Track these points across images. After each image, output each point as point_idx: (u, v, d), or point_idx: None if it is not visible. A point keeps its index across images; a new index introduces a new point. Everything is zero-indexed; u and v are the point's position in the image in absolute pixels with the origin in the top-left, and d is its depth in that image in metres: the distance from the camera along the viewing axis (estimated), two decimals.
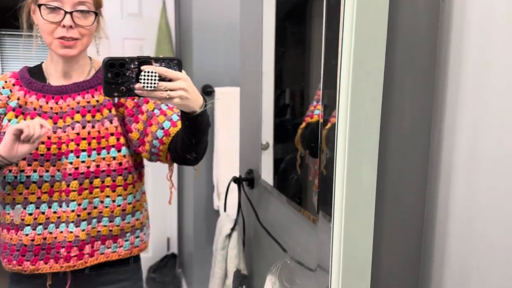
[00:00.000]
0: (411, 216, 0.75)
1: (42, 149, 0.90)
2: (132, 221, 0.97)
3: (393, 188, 0.73)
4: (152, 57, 0.77)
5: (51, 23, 0.85)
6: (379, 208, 0.72)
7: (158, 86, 0.73)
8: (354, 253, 0.58)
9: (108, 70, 0.72)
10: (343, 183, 0.51)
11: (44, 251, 0.91)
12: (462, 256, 0.64)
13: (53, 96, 0.92)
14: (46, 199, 0.91)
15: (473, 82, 0.65)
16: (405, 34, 0.69)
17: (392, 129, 0.71)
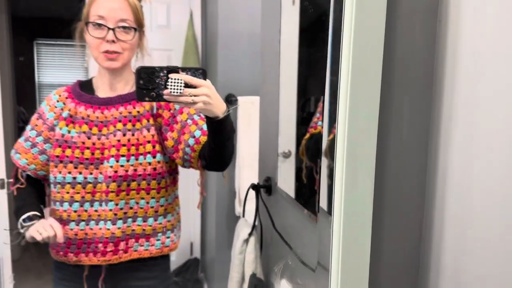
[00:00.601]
0: (409, 221, 0.79)
1: (87, 154, 0.99)
2: (164, 222, 1.05)
3: (392, 196, 0.78)
4: (179, 66, 0.85)
5: (97, 38, 0.95)
6: (378, 214, 0.76)
7: (183, 92, 0.80)
8: (353, 252, 0.62)
9: (140, 77, 0.80)
10: (341, 191, 0.55)
11: (86, 245, 1.00)
12: (456, 255, 0.68)
13: (99, 106, 1.01)
14: (89, 198, 1.00)
15: (464, 102, 0.70)
16: (402, 56, 0.74)
17: (391, 143, 0.76)
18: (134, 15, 0.97)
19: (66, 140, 1.00)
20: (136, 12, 0.98)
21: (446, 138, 0.75)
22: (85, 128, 1.00)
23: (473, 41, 0.70)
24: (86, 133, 1.00)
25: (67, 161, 1.00)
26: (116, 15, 0.95)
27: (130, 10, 0.97)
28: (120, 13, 0.95)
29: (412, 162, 0.78)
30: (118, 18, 0.95)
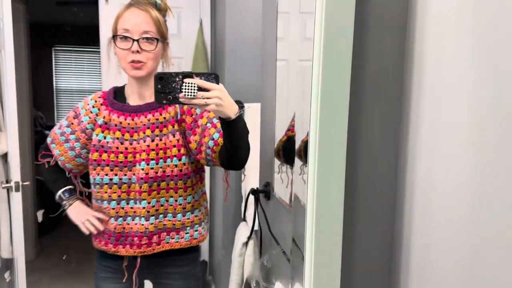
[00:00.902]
0: (382, 219, 0.85)
1: (121, 158, 1.11)
2: (192, 217, 1.16)
3: (364, 198, 0.85)
4: (193, 72, 0.91)
5: (123, 50, 1.05)
6: (351, 212, 0.83)
7: (196, 95, 0.87)
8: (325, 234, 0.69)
9: (158, 82, 0.88)
10: (314, 190, 0.60)
11: (123, 238, 1.13)
12: (423, 241, 0.75)
13: (130, 114, 1.12)
14: (124, 197, 1.12)
15: (428, 112, 0.77)
16: (373, 68, 0.80)
17: (363, 148, 0.82)
18: (156, 27, 1.07)
19: (102, 145, 1.12)
20: (158, 24, 1.08)
21: (413, 144, 0.82)
22: (118, 134, 1.11)
23: (436, 57, 0.76)
24: (119, 139, 1.11)
25: (104, 164, 1.11)
26: (139, 28, 1.05)
27: (152, 22, 1.07)
28: (143, 25, 1.05)
29: (383, 166, 0.84)
30: (141, 30, 1.05)
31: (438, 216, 0.73)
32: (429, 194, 0.75)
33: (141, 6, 1.08)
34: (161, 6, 1.12)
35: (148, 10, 1.08)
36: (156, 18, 1.08)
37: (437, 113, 0.73)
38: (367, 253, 0.86)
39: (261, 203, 1.04)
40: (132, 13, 1.08)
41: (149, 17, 1.07)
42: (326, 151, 0.69)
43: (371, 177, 0.84)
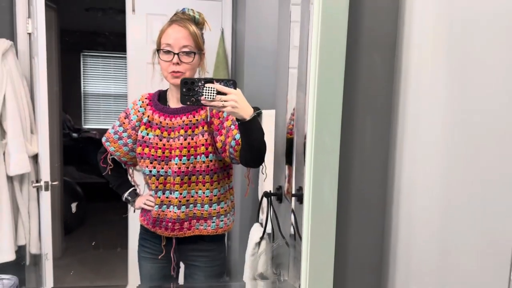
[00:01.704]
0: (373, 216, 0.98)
1: (160, 153, 1.28)
2: (218, 208, 1.31)
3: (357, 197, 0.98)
4: (214, 78, 1.04)
5: (165, 62, 1.23)
6: (345, 210, 0.96)
7: (215, 98, 0.99)
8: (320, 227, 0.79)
9: (184, 86, 1.01)
10: (310, 188, 0.68)
11: (159, 222, 1.31)
12: (407, 228, 0.93)
13: (169, 115, 1.29)
14: (161, 188, 1.29)
15: (411, 123, 0.89)
16: (365, 80, 0.92)
17: (355, 154, 0.94)
18: (194, 42, 1.24)
19: (145, 140, 1.29)
20: (196, 39, 1.25)
21: (399, 151, 0.94)
22: (158, 132, 1.28)
23: (417, 76, 0.89)
24: (158, 136, 1.28)
25: (146, 157, 1.28)
26: (179, 43, 1.23)
27: (191, 38, 1.23)
28: (182, 41, 1.23)
29: (374, 170, 0.95)
30: (181, 45, 1.22)
31: (419, 215, 0.84)
32: (411, 196, 0.87)
33: (181, 23, 1.24)
34: (199, 20, 1.28)
35: (187, 26, 1.24)
36: (194, 34, 1.25)
37: (417, 125, 0.84)
38: (359, 245, 0.96)
39: (274, 206, 1.10)
40: (174, 29, 1.23)
41: (188, 33, 1.23)
42: (321, 155, 0.77)
43: (362, 179, 0.95)
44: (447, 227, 0.75)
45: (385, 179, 1.06)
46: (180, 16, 1.26)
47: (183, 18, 1.25)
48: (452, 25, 0.77)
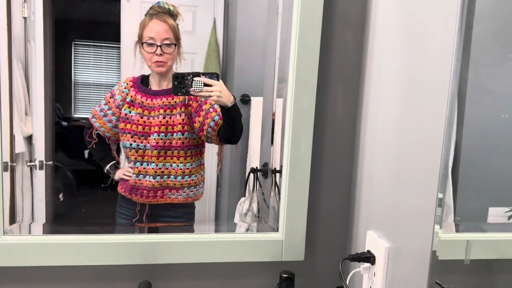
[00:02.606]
0: (341, 175, 1.24)
1: (140, 129, 1.52)
2: (189, 180, 1.55)
3: (329, 158, 1.22)
4: (201, 72, 1.20)
5: (149, 53, 1.29)
6: (318, 171, 1.21)
7: (202, 89, 1.14)
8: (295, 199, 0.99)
9: (175, 80, 1.14)
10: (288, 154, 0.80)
11: (135, 190, 1.53)
12: (368, 179, 1.24)
13: (150, 96, 1.53)
14: (140, 159, 1.51)
15: (373, 99, 1.07)
16: (338, 57, 1.12)
17: (328, 120, 1.15)
18: (173, 34, 1.42)
19: (127, 118, 1.51)
20: (175, 31, 1.41)
21: (364, 120, 1.13)
22: (140, 111, 1.52)
23: (380, 48, 1.09)
24: (140, 114, 1.52)
25: (127, 132, 1.52)
26: (161, 36, 1.37)
27: (171, 31, 1.40)
28: (164, 34, 1.38)
29: (344, 131, 1.18)
30: (163, 37, 1.38)
31: (376, 176, 1.05)
32: (373, 160, 1.07)
33: (161, 17, 1.43)
34: (173, 12, 1.43)
35: (166, 20, 1.41)
36: (173, 27, 1.43)
37: (378, 100, 1.03)
38: (329, 196, 1.19)
39: (260, 181, 1.19)
40: (155, 23, 1.43)
41: (168, 27, 1.44)
42: (299, 120, 0.92)
43: (334, 140, 1.15)
44: (397, 177, 0.93)
45: (352, 140, 1.25)
46: (157, 9, 1.41)
47: (160, 11, 1.40)
48: (406, 9, 0.91)
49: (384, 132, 1.01)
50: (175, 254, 1.37)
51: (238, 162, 1.89)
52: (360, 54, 1.05)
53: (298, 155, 0.87)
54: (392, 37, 0.95)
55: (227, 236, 1.32)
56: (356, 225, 1.16)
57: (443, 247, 0.91)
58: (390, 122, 0.99)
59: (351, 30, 1.05)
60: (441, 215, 0.93)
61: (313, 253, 1.32)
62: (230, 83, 1.37)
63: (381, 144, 1.02)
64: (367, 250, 1.10)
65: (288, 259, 1.28)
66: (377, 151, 1.03)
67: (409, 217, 0.96)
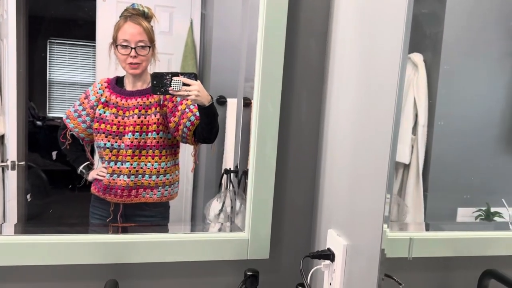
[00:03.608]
0: (306, 171, 1.31)
1: (114, 128, 1.54)
2: (163, 179, 1.57)
3: (293, 157, 1.29)
4: (179, 72, 1.21)
5: (123, 55, 1.29)
6: (283, 169, 1.27)
7: (181, 89, 1.16)
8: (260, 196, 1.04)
9: (154, 79, 1.15)
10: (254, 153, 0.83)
11: (109, 189, 1.53)
12: (330, 177, 1.11)
13: (125, 96, 1.54)
14: (114, 159, 1.51)
15: (334, 101, 1.12)
16: (302, 63, 1.18)
17: (293, 122, 1.21)
18: (148, 36, 1.41)
19: (102, 118, 1.52)
20: (149, 33, 1.41)
21: (327, 120, 1.20)
22: (114, 111, 1.53)
23: (340, 55, 1.15)
24: (114, 114, 1.56)
25: (102, 132, 1.52)
26: (135, 38, 1.36)
27: (145, 33, 1.40)
28: (138, 36, 1.37)
29: (308, 137, 1.25)
30: (137, 40, 1.37)
31: (336, 177, 1.11)
32: (334, 161, 1.12)
33: (135, 20, 1.43)
34: (148, 14, 1.44)
35: (140, 23, 1.41)
36: (147, 29, 1.44)
37: (338, 105, 1.08)
38: (294, 195, 1.25)
39: (233, 181, 1.21)
40: (129, 26, 1.42)
41: (141, 29, 1.44)
42: (265, 121, 0.95)
43: (299, 141, 1.21)
44: (353, 179, 0.98)
45: (316, 142, 1.31)
46: (131, 11, 1.42)
47: (134, 14, 1.41)
48: (364, 19, 0.98)
49: (343, 133, 1.06)
50: (141, 253, 1.38)
51: (214, 162, 1.90)
52: (323, 59, 1.11)
53: (263, 156, 0.91)
54: (350, 43, 1.02)
55: (194, 236, 1.36)
56: (319, 223, 1.23)
57: (391, 245, 0.96)
58: (348, 124, 1.05)
59: (314, 38, 1.12)
60: (388, 215, 0.99)
61: (278, 251, 1.37)
62: (206, 84, 1.39)
63: (340, 145, 1.07)
64: (328, 247, 1.17)
65: (253, 257, 1.32)
66: (337, 153, 1.08)
67: (364, 216, 1.02)
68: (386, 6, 0.95)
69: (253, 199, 0.99)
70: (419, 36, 1.01)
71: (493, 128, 1.06)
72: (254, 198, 1.01)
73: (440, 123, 1.05)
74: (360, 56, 0.98)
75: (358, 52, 0.98)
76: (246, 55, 1.26)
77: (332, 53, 1.08)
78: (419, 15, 0.98)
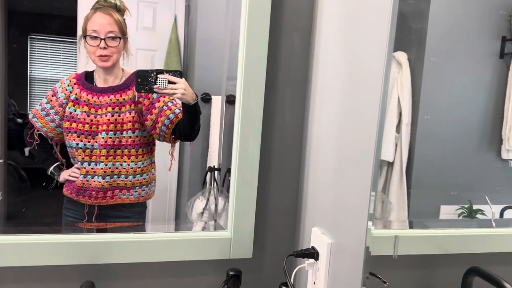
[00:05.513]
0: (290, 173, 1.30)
1: (87, 127, 1.48)
2: (140, 179, 1.52)
3: (277, 158, 1.28)
4: (164, 69, 1.19)
5: (92, 46, 1.25)
6: (266, 172, 1.26)
7: (167, 87, 1.13)
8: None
9: (138, 77, 1.12)
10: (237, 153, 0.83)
11: (83, 191, 1.47)
12: (314, 176, 1.12)
13: (97, 93, 1.48)
14: (87, 159, 1.46)
15: (319, 100, 1.12)
16: (285, 60, 1.18)
17: (276, 120, 1.21)
18: (118, 27, 1.38)
19: (73, 116, 1.46)
20: (120, 25, 1.37)
21: (311, 118, 1.20)
22: (86, 109, 1.47)
23: (324, 70, 1.14)
24: (86, 112, 1.40)
25: (73, 131, 1.47)
26: (105, 29, 1.32)
27: (115, 24, 1.36)
28: (108, 27, 1.33)
29: (291, 135, 1.24)
30: (107, 30, 1.33)
31: (320, 175, 1.12)
32: (318, 159, 1.12)
33: (105, 11, 1.39)
34: (120, 7, 1.41)
35: (110, 13, 1.38)
36: (118, 20, 1.40)
37: (322, 102, 1.08)
38: (277, 195, 1.24)
39: (217, 180, 1.20)
40: (99, 16, 1.38)
41: (112, 20, 1.39)
42: (248, 120, 0.94)
43: (282, 142, 1.21)
44: (337, 176, 0.98)
45: (300, 140, 1.31)
46: (102, 3, 1.38)
47: (106, 5, 1.37)
48: (348, 17, 0.97)
49: (327, 132, 1.06)
50: (119, 253, 1.36)
51: (199, 161, 1.88)
52: (307, 57, 1.10)
53: (246, 154, 0.89)
54: (334, 41, 1.02)
55: (175, 235, 1.33)
56: (303, 222, 1.22)
57: (376, 243, 0.97)
58: (332, 122, 1.05)
59: (298, 34, 1.11)
60: (373, 213, 0.99)
61: (261, 250, 1.35)
62: (190, 81, 1.35)
63: (324, 144, 1.07)
64: (311, 246, 1.16)
65: (236, 256, 1.29)
66: (321, 150, 1.08)
67: (348, 214, 1.02)
68: (371, 4, 0.95)
69: (236, 197, 0.97)
70: (404, 34, 1.02)
71: (477, 126, 1.06)
72: (237, 196, 0.99)
73: (426, 118, 1.05)
74: (345, 54, 0.98)
75: (342, 50, 0.98)
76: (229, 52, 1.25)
77: (316, 51, 1.07)
78: (403, 13, 0.98)
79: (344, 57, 0.96)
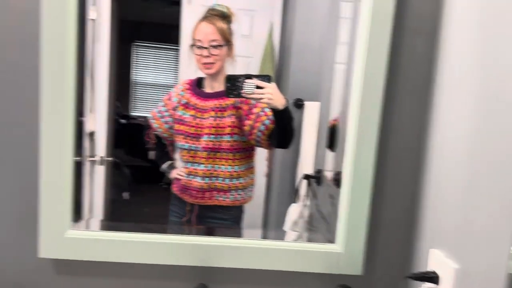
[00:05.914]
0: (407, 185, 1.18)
1: (193, 130, 1.57)
2: (236, 183, 1.58)
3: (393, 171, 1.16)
4: (253, 74, 1.23)
5: (198, 55, 1.33)
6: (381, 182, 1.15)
7: (254, 91, 1.17)
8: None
9: (228, 82, 1.18)
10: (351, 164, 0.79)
11: (186, 189, 1.57)
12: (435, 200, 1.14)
13: (204, 98, 1.57)
14: (191, 160, 1.55)
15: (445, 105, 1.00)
16: (406, 65, 1.08)
17: (393, 127, 1.12)
18: (221, 35, 1.47)
19: (182, 119, 1.57)
20: (223, 33, 1.45)
21: (435, 125, 1.08)
22: (193, 112, 1.57)
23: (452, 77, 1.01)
24: (193, 115, 1.57)
25: (181, 133, 1.57)
26: (208, 38, 1.42)
27: (218, 32, 1.45)
28: (210, 36, 1.43)
29: (410, 143, 1.12)
30: (209, 39, 1.43)
31: (444, 188, 0.99)
32: (441, 171, 1.00)
33: (210, 20, 1.47)
34: (226, 14, 1.47)
35: (214, 22, 1.46)
36: (221, 29, 1.48)
37: (450, 107, 0.96)
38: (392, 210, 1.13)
39: (312, 188, 1.19)
40: (203, 26, 1.49)
41: (215, 28, 1.48)
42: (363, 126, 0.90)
43: (399, 151, 1.10)
44: (469, 191, 0.87)
45: (418, 149, 1.20)
46: (210, 12, 1.46)
47: (212, 14, 1.44)
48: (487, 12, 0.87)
49: (455, 141, 0.92)
50: (228, 258, 1.36)
51: (288, 167, 1.89)
52: (430, 62, 1.01)
53: (360, 163, 0.82)
54: (468, 51, 0.89)
55: (283, 244, 1.28)
56: (419, 241, 1.06)
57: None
58: (463, 130, 0.90)
59: (421, 37, 1.03)
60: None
61: (371, 268, 1.25)
62: (285, 87, 1.38)
63: (451, 155, 0.93)
64: (432, 270, 1.01)
65: (345, 272, 1.20)
66: (445, 163, 0.94)
67: (482, 236, 0.85)
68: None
69: (346, 209, 0.90)
70: None
71: None
72: (348, 209, 0.92)
73: None
74: (480, 62, 0.84)
75: (477, 57, 0.84)
76: (333, 57, 1.23)
77: (441, 55, 0.97)
78: None
79: (481, 69, 0.84)
